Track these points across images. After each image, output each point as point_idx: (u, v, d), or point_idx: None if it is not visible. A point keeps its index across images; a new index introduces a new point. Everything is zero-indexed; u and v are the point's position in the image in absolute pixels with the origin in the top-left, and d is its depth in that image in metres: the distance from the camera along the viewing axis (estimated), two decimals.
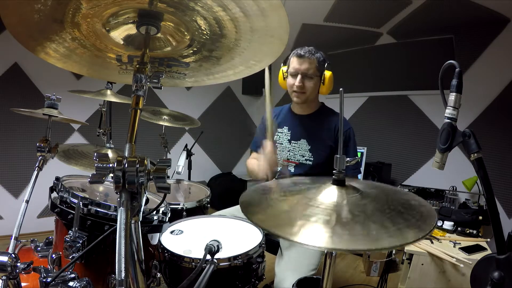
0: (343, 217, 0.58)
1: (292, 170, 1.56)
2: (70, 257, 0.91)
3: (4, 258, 0.72)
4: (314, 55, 1.44)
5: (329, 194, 0.65)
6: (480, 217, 1.96)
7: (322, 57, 1.48)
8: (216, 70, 0.77)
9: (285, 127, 1.60)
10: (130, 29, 0.66)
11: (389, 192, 0.70)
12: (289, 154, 1.57)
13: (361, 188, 0.67)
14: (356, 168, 1.54)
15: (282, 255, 1.33)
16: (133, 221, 0.51)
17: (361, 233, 0.53)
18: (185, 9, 0.59)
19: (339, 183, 0.67)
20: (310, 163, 1.51)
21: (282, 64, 1.56)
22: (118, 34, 0.68)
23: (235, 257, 1.01)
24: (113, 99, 1.42)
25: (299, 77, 1.45)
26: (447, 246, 1.76)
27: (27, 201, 1.00)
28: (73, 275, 0.84)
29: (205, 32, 0.65)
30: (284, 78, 1.53)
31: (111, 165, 0.51)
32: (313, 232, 0.54)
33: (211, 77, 0.81)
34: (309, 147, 1.52)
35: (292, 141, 1.56)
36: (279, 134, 1.61)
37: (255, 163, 1.51)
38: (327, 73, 1.47)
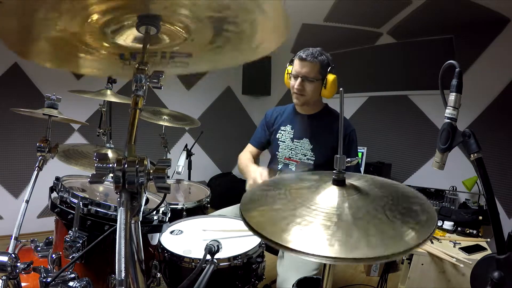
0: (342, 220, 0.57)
1: (293, 169, 1.56)
2: (70, 257, 0.91)
3: (4, 258, 0.72)
4: (316, 58, 1.42)
5: (329, 195, 0.65)
6: (480, 217, 1.95)
7: (326, 60, 1.46)
8: (218, 58, 0.77)
9: (288, 125, 1.61)
10: (132, 31, 0.66)
11: (394, 193, 0.68)
12: (291, 152, 1.57)
13: (363, 187, 0.67)
14: (356, 169, 1.55)
15: (284, 255, 1.33)
16: (133, 221, 0.51)
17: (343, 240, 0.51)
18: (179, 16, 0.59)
19: (339, 183, 0.67)
20: (312, 162, 1.52)
21: (288, 64, 1.56)
22: (124, 40, 0.68)
23: (235, 257, 1.01)
24: (113, 99, 1.42)
25: (299, 80, 1.45)
26: (447, 246, 1.76)
27: (27, 201, 1.00)
28: (73, 275, 0.84)
29: (202, 33, 0.65)
30: (289, 78, 1.53)
31: (111, 165, 0.51)
32: (310, 239, 0.53)
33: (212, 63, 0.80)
34: (311, 147, 1.52)
35: (295, 140, 1.57)
36: (282, 132, 1.61)
37: (247, 159, 1.53)
38: (330, 77, 1.45)
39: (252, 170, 1.35)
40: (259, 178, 1.26)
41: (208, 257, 0.91)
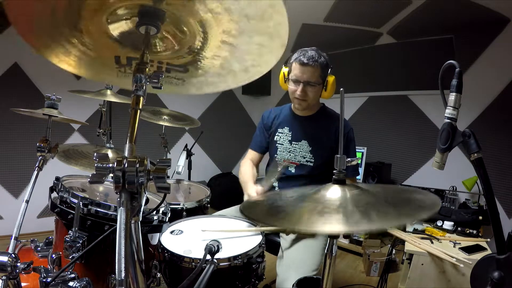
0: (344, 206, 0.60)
1: (293, 171, 1.55)
2: (70, 257, 0.91)
3: (4, 258, 0.72)
4: (317, 61, 1.37)
5: (331, 191, 0.66)
6: (480, 217, 1.96)
7: (325, 61, 1.41)
8: (215, 79, 0.77)
9: (285, 127, 1.59)
10: (129, 27, 0.66)
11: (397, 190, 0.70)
12: (290, 155, 1.56)
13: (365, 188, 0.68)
14: (355, 169, 1.54)
15: (283, 255, 1.33)
16: (133, 221, 0.51)
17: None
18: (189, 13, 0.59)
19: (339, 182, 0.67)
20: (311, 164, 1.51)
21: (283, 65, 1.52)
22: (118, 31, 0.67)
23: (235, 257, 1.01)
24: (113, 99, 1.42)
25: (301, 86, 1.40)
26: (447, 246, 1.76)
27: (27, 201, 1.00)
28: (73, 275, 0.84)
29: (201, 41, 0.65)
30: (285, 81, 1.50)
31: (111, 165, 0.51)
32: (323, 222, 0.56)
33: (211, 87, 0.80)
34: (310, 149, 1.52)
35: (293, 142, 1.56)
36: (280, 134, 1.61)
37: (248, 176, 1.51)
38: (330, 79, 1.44)
39: (250, 187, 1.41)
40: (254, 193, 1.33)
41: (208, 257, 0.91)
